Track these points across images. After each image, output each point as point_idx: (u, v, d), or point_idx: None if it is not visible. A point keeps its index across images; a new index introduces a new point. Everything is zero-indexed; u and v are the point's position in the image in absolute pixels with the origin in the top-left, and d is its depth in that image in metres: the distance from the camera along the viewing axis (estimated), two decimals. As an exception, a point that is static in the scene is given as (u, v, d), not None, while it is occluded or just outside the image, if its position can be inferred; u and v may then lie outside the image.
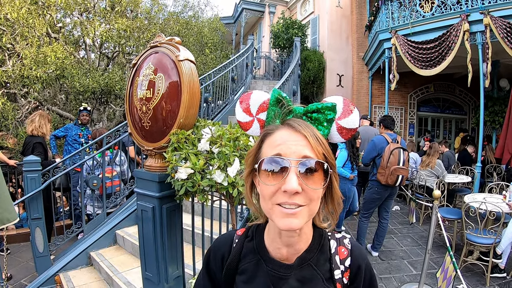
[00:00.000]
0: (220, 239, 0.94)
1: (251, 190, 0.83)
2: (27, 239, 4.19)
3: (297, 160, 0.69)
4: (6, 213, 1.89)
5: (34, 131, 4.32)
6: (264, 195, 0.72)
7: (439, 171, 5.69)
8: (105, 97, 7.62)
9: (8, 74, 5.82)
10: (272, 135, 0.76)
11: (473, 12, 6.38)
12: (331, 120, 0.82)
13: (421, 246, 4.64)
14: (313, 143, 0.71)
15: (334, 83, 10.57)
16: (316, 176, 0.70)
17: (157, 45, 2.10)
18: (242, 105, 0.91)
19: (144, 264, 2.17)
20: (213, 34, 11.36)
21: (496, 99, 8.75)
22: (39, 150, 4.27)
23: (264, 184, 0.71)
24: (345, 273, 0.81)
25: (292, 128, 0.74)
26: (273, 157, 0.70)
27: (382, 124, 4.39)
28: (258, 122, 0.89)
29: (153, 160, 2.12)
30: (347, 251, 0.84)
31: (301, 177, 0.68)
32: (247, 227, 0.91)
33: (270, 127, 0.79)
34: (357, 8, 10.60)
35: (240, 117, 0.92)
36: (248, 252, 0.84)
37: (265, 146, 0.75)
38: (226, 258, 0.87)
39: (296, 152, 0.70)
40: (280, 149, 0.71)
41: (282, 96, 0.84)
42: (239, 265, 0.84)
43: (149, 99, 2.03)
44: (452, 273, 2.63)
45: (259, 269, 0.81)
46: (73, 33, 8.46)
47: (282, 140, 0.72)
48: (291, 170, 0.68)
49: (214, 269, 0.89)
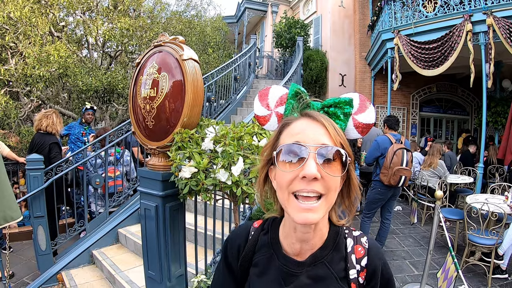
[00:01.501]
0: (237, 230, 0.94)
1: (264, 184, 0.82)
2: (30, 237, 4.21)
3: (316, 146, 0.68)
4: (9, 211, 1.90)
5: (49, 127, 4.23)
6: (281, 183, 0.71)
7: (441, 171, 5.68)
8: (108, 96, 7.65)
9: (11, 72, 5.84)
10: (290, 125, 0.76)
11: (476, 12, 6.36)
12: (348, 114, 0.82)
13: (423, 246, 4.64)
14: (332, 132, 0.72)
15: (337, 83, 10.56)
16: (334, 165, 0.70)
17: (161, 44, 2.10)
18: (260, 99, 0.92)
19: (147, 262, 2.18)
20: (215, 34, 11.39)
21: (498, 100, 8.73)
22: (57, 151, 4.23)
23: (282, 171, 0.71)
24: (361, 272, 0.80)
25: (311, 117, 0.74)
26: (292, 144, 0.70)
27: (386, 124, 4.37)
28: (276, 116, 0.90)
29: (156, 159, 2.13)
30: (364, 250, 0.82)
31: (320, 165, 0.68)
32: (264, 219, 0.91)
33: (289, 118, 0.80)
34: (359, 8, 10.59)
35: (258, 111, 0.92)
36: (262, 245, 0.85)
37: (283, 136, 0.75)
38: (242, 249, 0.87)
39: (315, 139, 0.70)
40: (299, 137, 0.71)
41: (301, 90, 0.85)
42: (254, 257, 0.85)
43: (153, 98, 2.03)
44: (454, 273, 2.63)
45: (271, 264, 0.81)
46: (76, 32, 8.50)
47: (300, 129, 0.73)
48: (309, 157, 0.67)
49: (231, 259, 0.89)
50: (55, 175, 3.80)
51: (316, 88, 10.52)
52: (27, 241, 4.69)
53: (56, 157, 4.12)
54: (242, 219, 3.36)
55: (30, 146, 4.35)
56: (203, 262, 2.57)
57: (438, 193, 3.25)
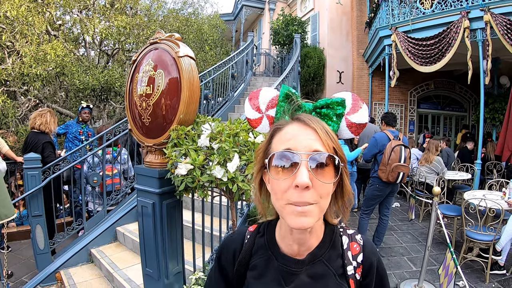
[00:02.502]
0: (232, 236, 0.93)
1: (260, 188, 0.81)
2: (28, 237, 4.20)
3: (308, 154, 0.68)
4: (3, 209, 1.89)
5: (42, 126, 4.22)
6: (275, 191, 0.71)
7: (438, 167, 5.69)
8: (105, 95, 7.63)
9: (8, 72, 5.81)
10: (282, 130, 0.75)
11: (473, 9, 6.35)
12: (340, 115, 0.81)
13: (421, 242, 4.65)
14: (324, 137, 0.70)
15: (334, 80, 10.57)
16: (327, 171, 0.69)
17: (157, 42, 2.09)
18: (251, 102, 0.91)
19: (145, 260, 2.18)
20: (213, 31, 11.36)
21: (496, 96, 8.75)
22: (50, 150, 4.23)
23: (275, 179, 0.70)
24: (358, 269, 0.81)
25: (302, 122, 0.73)
26: (283, 152, 0.69)
27: (384, 121, 4.38)
28: (268, 119, 0.89)
29: (153, 156, 2.12)
30: (359, 247, 0.83)
31: (312, 172, 0.67)
32: (259, 223, 0.90)
33: (280, 122, 0.79)
34: (357, 5, 10.58)
35: (249, 114, 0.91)
36: (259, 248, 0.84)
37: (275, 141, 0.74)
38: (237, 254, 0.86)
39: (307, 146, 0.69)
40: (291, 143, 0.70)
41: (291, 92, 0.84)
42: (250, 261, 0.84)
43: (149, 95, 2.03)
44: (453, 269, 2.64)
45: (270, 265, 0.80)
46: (73, 30, 8.46)
47: (292, 135, 0.71)
48: (301, 164, 0.66)
49: (225, 264, 0.88)
50: (53, 174, 3.79)
51: (314, 85, 10.52)
52: (25, 240, 4.68)
53: (49, 156, 4.10)
54: (240, 216, 3.37)
55: (24, 145, 4.33)
56: (200, 259, 2.58)
57: (435, 189, 3.26)
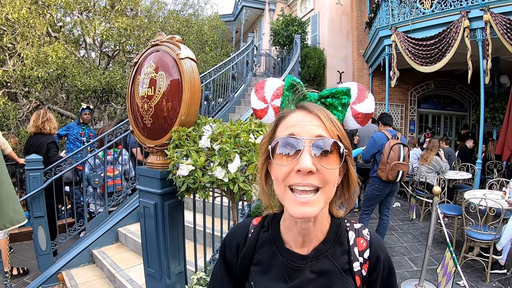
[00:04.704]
0: (236, 228, 0.92)
1: (266, 180, 0.80)
2: (30, 238, 4.21)
3: (311, 139, 0.67)
4: (14, 214, 1.83)
5: (46, 125, 4.25)
6: (277, 177, 0.71)
7: (436, 167, 5.71)
8: (106, 96, 7.64)
9: (9, 74, 5.83)
10: (286, 118, 0.75)
11: (473, 8, 6.36)
12: (345, 104, 0.81)
13: (422, 242, 4.66)
14: (328, 125, 0.70)
15: (335, 80, 10.57)
16: (331, 158, 0.69)
17: (158, 44, 2.11)
18: (257, 92, 0.91)
19: (147, 260, 2.20)
20: (213, 32, 11.38)
21: (496, 96, 8.75)
22: (55, 150, 4.27)
23: (277, 165, 0.70)
24: (364, 265, 0.80)
25: (306, 109, 0.73)
26: (286, 137, 0.69)
27: (381, 121, 4.42)
28: (273, 109, 0.89)
29: (154, 157, 2.14)
30: (366, 242, 0.82)
31: (316, 159, 0.67)
32: (263, 216, 0.89)
33: (285, 110, 0.79)
34: (357, 5, 10.60)
35: (255, 105, 0.91)
36: (263, 243, 0.83)
37: (279, 129, 0.74)
38: (241, 248, 0.86)
39: (310, 131, 0.69)
40: (294, 129, 0.70)
41: (296, 81, 0.84)
42: (254, 256, 0.83)
43: (151, 97, 2.05)
44: (452, 268, 2.65)
45: (274, 260, 0.80)
46: (74, 32, 8.47)
47: (296, 121, 0.72)
48: (304, 149, 0.66)
49: (229, 258, 0.88)
50: (55, 175, 3.81)
51: (314, 86, 10.51)
52: (27, 242, 4.70)
53: (54, 156, 4.13)
54: (241, 217, 3.38)
55: (26, 147, 4.33)
56: (202, 260, 2.59)
57: (436, 189, 3.27)
